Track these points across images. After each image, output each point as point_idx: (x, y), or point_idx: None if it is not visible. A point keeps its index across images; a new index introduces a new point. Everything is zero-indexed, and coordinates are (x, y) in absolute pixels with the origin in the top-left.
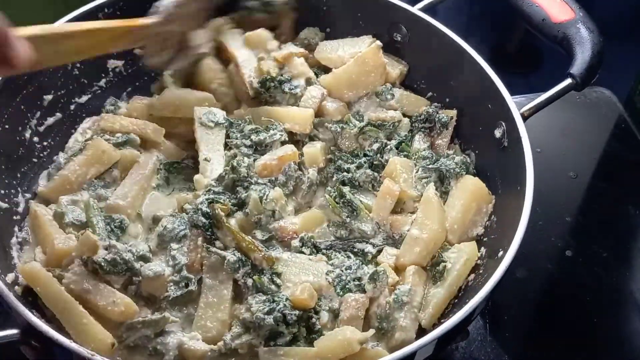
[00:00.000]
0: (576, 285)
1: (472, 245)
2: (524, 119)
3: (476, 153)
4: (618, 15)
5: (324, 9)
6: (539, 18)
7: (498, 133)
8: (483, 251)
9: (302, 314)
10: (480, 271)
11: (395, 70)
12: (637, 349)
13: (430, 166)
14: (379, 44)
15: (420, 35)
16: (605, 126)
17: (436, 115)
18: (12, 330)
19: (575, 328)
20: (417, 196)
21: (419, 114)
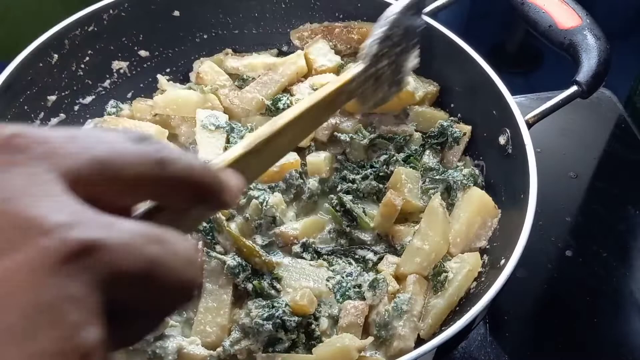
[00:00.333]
0: (576, 285)
1: (475, 256)
2: (529, 126)
3: (480, 160)
4: (618, 16)
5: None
6: (546, 24)
7: (502, 140)
8: (485, 259)
9: (302, 320)
10: (482, 279)
11: (419, 92)
12: (637, 349)
13: (437, 177)
14: None
15: (425, 40)
16: (605, 126)
17: (449, 130)
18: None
19: (575, 328)
20: (422, 207)
21: (433, 130)
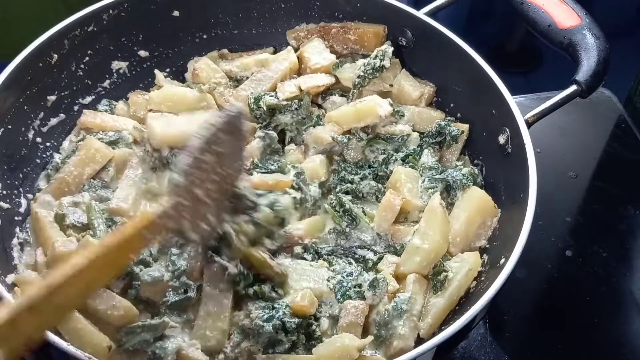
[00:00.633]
0: (576, 285)
1: (475, 256)
2: (528, 125)
3: (480, 159)
4: (618, 15)
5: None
6: (545, 24)
7: (502, 139)
8: (485, 258)
9: (302, 321)
10: (482, 278)
11: (416, 92)
12: (637, 349)
13: (436, 177)
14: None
15: (425, 40)
16: (605, 126)
17: (447, 129)
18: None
19: (575, 328)
20: (422, 206)
21: (431, 130)
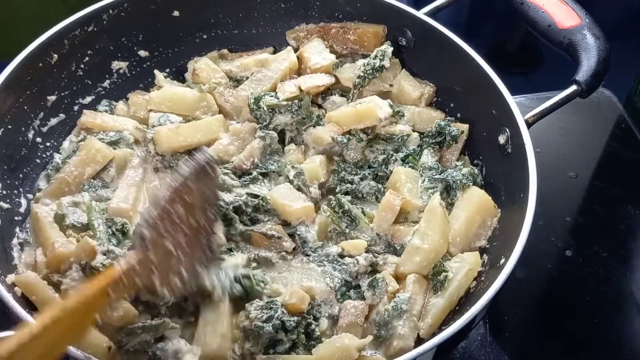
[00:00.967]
0: (576, 285)
1: (475, 256)
2: (528, 125)
3: (480, 159)
4: (618, 15)
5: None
6: (545, 24)
7: (502, 139)
8: (485, 258)
9: (301, 319)
10: (482, 278)
11: (416, 92)
12: (637, 349)
13: (436, 177)
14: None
15: (425, 40)
16: (605, 126)
17: (447, 129)
18: (11, 332)
19: (575, 328)
20: (422, 206)
21: (430, 130)
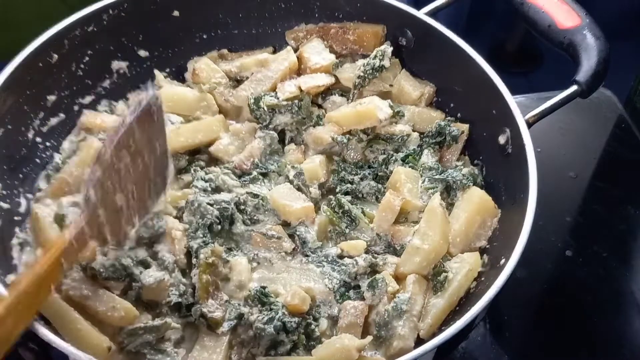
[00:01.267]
0: (576, 285)
1: (475, 256)
2: (529, 125)
3: (480, 159)
4: (618, 15)
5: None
6: (545, 24)
7: (502, 139)
8: (485, 259)
9: (301, 320)
10: (482, 279)
11: (416, 92)
12: (637, 349)
13: (436, 177)
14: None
15: (425, 40)
16: (605, 126)
17: (447, 129)
18: None
19: (575, 328)
20: (422, 206)
21: (430, 130)
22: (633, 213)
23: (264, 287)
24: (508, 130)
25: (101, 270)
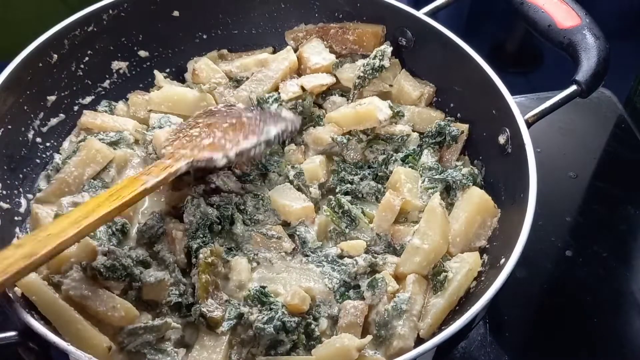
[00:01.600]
0: (576, 285)
1: (475, 256)
2: (528, 125)
3: (480, 159)
4: (618, 15)
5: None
6: (545, 24)
7: (502, 139)
8: (485, 258)
9: (301, 320)
10: (482, 278)
11: (416, 92)
12: (637, 349)
13: (436, 177)
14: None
15: (425, 40)
16: (605, 126)
17: (447, 129)
18: (11, 332)
19: (575, 328)
20: (422, 206)
21: (430, 130)
22: (633, 213)
23: (264, 287)
24: (508, 130)
25: (101, 270)
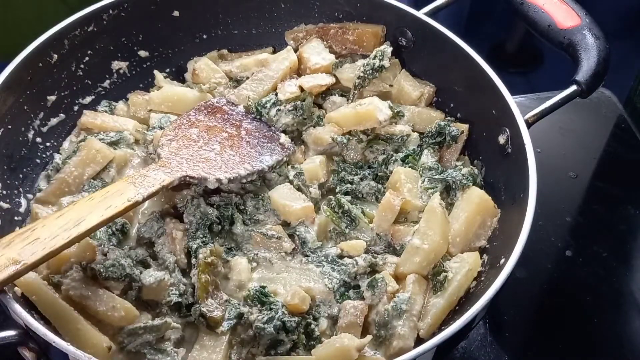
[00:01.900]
0: (576, 285)
1: (475, 256)
2: (528, 125)
3: (480, 159)
4: (618, 15)
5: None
6: (545, 24)
7: (502, 139)
8: (485, 258)
9: (301, 320)
10: (482, 278)
11: (416, 92)
12: (637, 349)
13: (436, 177)
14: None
15: (425, 40)
16: (605, 126)
17: (447, 129)
18: (11, 332)
19: (575, 328)
20: (422, 206)
21: (430, 130)
22: (633, 213)
23: (264, 287)
24: (508, 130)
25: (101, 270)
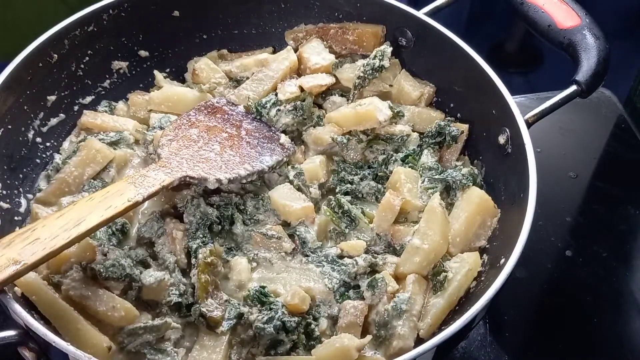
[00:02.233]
0: (576, 285)
1: (475, 256)
2: (528, 125)
3: (480, 159)
4: (618, 15)
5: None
6: (545, 24)
7: (502, 139)
8: (485, 258)
9: (301, 320)
10: (482, 278)
11: (415, 92)
12: (637, 349)
13: (436, 177)
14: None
15: (425, 40)
16: (605, 126)
17: (447, 129)
18: (11, 332)
19: (575, 328)
20: (422, 206)
21: (430, 130)
22: (633, 213)
23: (264, 287)
24: (508, 130)
25: (101, 270)
